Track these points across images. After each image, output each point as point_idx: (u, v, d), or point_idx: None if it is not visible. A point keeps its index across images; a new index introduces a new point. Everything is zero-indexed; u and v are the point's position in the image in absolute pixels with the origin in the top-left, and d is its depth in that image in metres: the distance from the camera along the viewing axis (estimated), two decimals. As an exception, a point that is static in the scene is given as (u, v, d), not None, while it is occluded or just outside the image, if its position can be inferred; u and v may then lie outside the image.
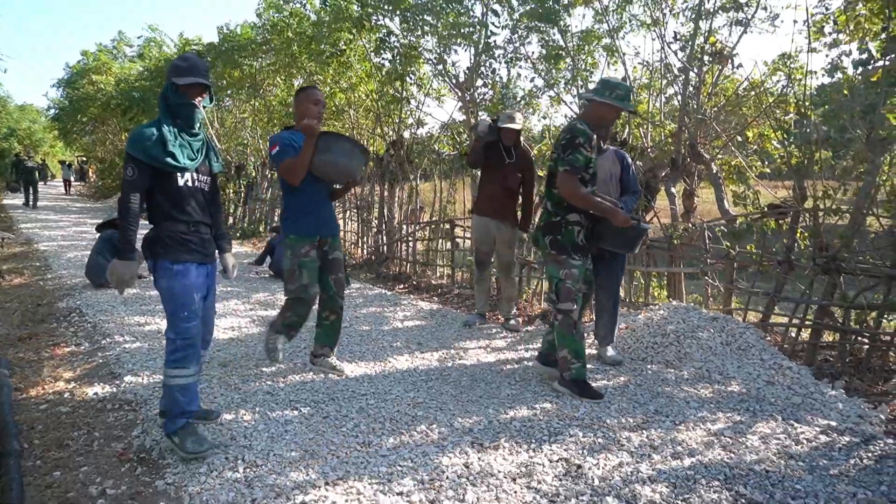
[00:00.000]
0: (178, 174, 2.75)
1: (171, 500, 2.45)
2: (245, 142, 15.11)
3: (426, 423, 3.16)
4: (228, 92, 12.96)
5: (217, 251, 3.05)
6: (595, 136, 3.61)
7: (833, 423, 3.24)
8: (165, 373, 2.80)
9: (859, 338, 4.29)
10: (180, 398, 2.79)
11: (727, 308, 5.10)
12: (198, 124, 2.84)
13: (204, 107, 2.87)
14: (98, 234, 7.00)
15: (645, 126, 6.59)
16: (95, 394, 3.61)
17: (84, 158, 35.92)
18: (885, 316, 4.18)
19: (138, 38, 19.79)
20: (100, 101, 18.61)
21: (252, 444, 2.91)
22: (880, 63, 4.22)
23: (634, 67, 7.07)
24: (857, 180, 4.46)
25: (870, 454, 2.86)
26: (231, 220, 15.20)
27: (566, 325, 3.58)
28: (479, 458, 2.77)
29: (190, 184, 2.80)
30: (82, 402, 3.48)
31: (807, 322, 4.55)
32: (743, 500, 2.44)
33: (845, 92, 4.08)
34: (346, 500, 2.43)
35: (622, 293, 6.29)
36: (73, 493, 2.51)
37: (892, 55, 4.15)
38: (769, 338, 4.59)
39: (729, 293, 5.17)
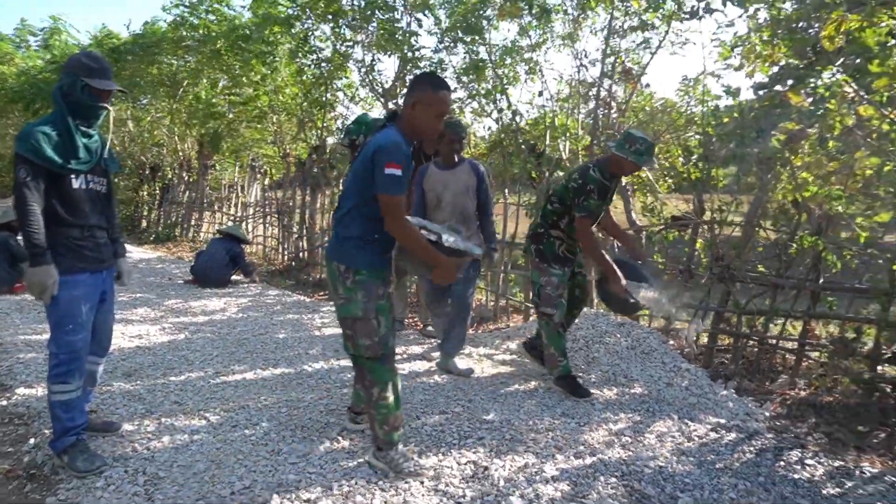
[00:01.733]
0: (73, 176, 2.63)
1: (62, 517, 2.34)
2: (161, 142, 14.49)
3: (338, 430, 3.16)
4: (144, 90, 12.41)
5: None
6: (610, 183, 3.76)
7: (722, 421, 3.49)
8: (48, 387, 2.66)
9: (750, 341, 4.63)
10: (62, 415, 2.65)
11: (634, 314, 5.36)
12: (96, 125, 2.73)
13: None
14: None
15: (563, 138, 6.85)
16: (-18, 407, 3.38)
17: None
18: (772, 321, 4.53)
19: (41, 30, 18.47)
20: (1, 93, 17.33)
21: (154, 456, 2.82)
22: (778, 88, 4.59)
23: (559, 82, 7.33)
24: (750, 196, 4.82)
25: (752, 448, 3.10)
26: (145, 223, 14.55)
27: (551, 327, 3.83)
28: (389, 463, 2.80)
29: (84, 186, 2.68)
30: (-33, 417, 3.25)
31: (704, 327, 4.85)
32: (637, 495, 2.59)
33: (735, 114, 4.41)
34: (252, 510, 2.40)
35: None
36: (-49, 514, 2.35)
37: (790, 81, 4.51)
38: (671, 342, 4.87)
39: (636, 300, 5.44)
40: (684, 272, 4.90)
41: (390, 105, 7.51)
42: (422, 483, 2.62)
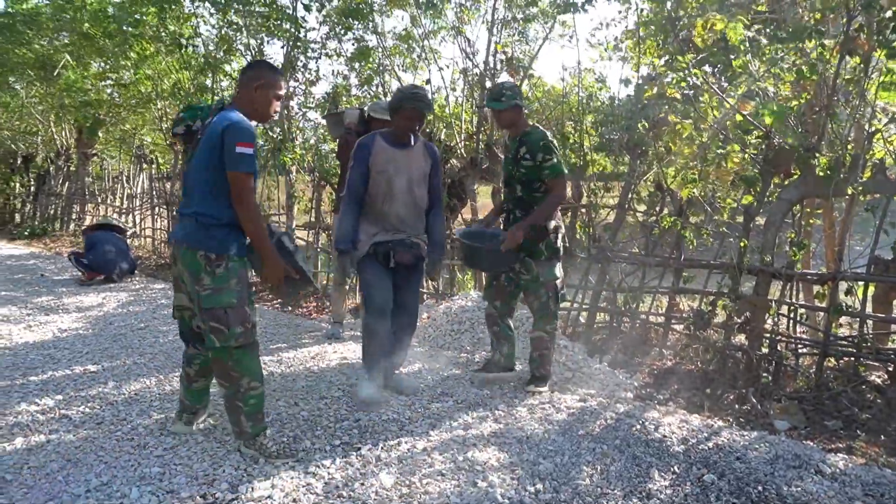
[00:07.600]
0: None
1: None
2: (34, 129, 13.38)
3: (212, 420, 3.08)
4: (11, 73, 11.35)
5: None
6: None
7: (592, 392, 3.70)
8: None
9: (624, 317, 4.94)
10: None
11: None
12: None
13: None
14: None
15: (458, 126, 6.96)
16: None
17: None
18: (641, 297, 4.85)
19: None
20: None
21: (2, 459, 2.65)
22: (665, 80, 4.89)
23: (454, 70, 7.42)
24: (621, 182, 5.13)
25: (614, 415, 3.31)
26: (19, 217, 13.43)
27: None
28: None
29: None
30: None
31: (584, 306, 5.12)
32: (500, 463, 2.71)
33: (606, 102, 4.67)
34: (109, 506, 2.31)
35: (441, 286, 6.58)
36: None
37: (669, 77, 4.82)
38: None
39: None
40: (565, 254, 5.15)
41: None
42: (292, 467, 2.62)
